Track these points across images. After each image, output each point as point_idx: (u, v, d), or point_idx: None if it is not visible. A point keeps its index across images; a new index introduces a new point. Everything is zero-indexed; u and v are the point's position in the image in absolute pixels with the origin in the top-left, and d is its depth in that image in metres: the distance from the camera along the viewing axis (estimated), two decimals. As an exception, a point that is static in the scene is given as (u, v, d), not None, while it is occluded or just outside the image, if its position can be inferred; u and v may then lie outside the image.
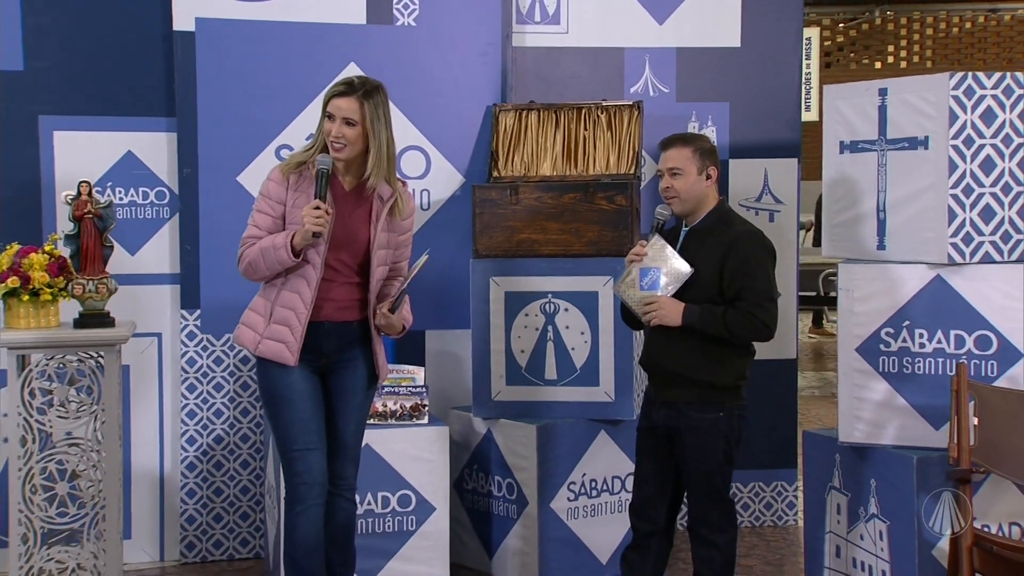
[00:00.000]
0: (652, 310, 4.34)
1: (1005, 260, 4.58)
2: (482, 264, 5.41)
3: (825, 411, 8.22)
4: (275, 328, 4.16)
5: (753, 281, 4.31)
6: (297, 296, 4.13)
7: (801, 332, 6.76)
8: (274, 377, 4.20)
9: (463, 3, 5.77)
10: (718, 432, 4.34)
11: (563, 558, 5.33)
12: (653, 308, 4.34)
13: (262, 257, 4.10)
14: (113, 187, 5.51)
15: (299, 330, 4.12)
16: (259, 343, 4.17)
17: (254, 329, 4.20)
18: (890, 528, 4.65)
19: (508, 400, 5.41)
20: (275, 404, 4.23)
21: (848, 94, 4.88)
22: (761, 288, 4.31)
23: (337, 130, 4.10)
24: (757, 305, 4.28)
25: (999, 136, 4.52)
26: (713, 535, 4.37)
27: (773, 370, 5.94)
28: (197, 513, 5.64)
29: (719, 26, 6.06)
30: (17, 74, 5.42)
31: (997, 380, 4.57)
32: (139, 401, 5.59)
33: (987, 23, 17.03)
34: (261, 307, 4.22)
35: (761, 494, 6.23)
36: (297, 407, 4.20)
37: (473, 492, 5.55)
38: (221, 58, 5.52)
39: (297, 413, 4.20)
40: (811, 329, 12.96)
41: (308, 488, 4.19)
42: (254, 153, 5.58)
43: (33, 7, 5.42)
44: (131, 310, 5.17)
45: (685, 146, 4.38)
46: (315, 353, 4.19)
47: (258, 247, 4.12)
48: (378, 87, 4.17)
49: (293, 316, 4.13)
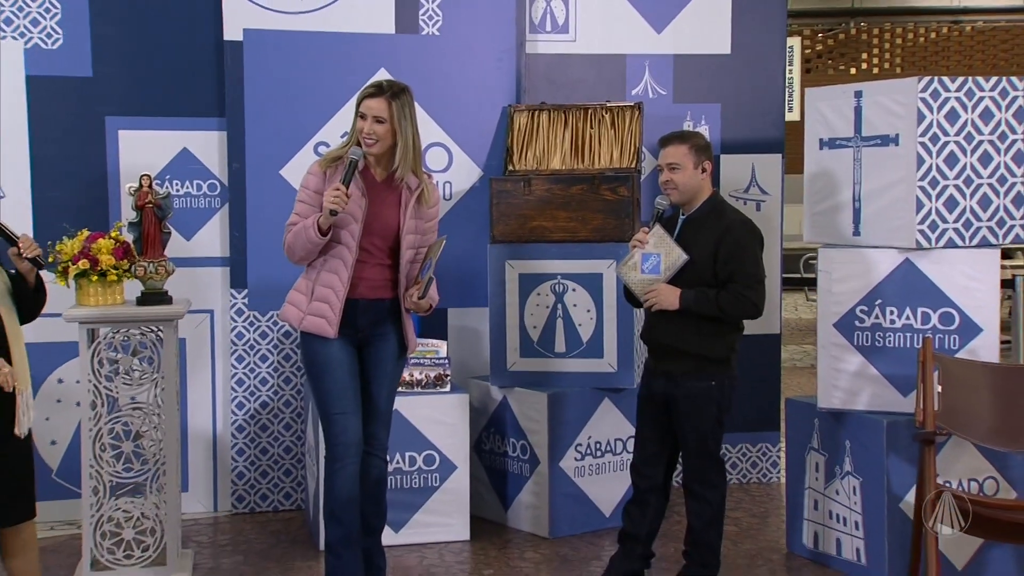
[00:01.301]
0: (652, 297, 4.34)
1: (967, 245, 4.60)
2: (498, 249, 5.41)
3: (805, 380, 8.14)
4: (316, 305, 4.17)
5: (743, 265, 4.30)
6: (336, 276, 4.14)
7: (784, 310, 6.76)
8: (316, 349, 4.21)
9: (481, 14, 5.75)
10: (710, 399, 4.34)
11: (571, 511, 5.34)
12: (653, 294, 4.34)
13: (296, 238, 4.13)
14: (171, 180, 5.53)
15: (338, 306, 4.14)
16: (303, 319, 4.19)
17: (298, 307, 4.22)
18: (863, 484, 4.68)
19: (522, 371, 5.40)
20: (316, 373, 4.24)
21: (827, 96, 4.90)
22: (751, 271, 4.30)
23: (369, 127, 4.12)
24: (747, 287, 4.28)
25: (961, 134, 4.54)
26: (705, 491, 4.38)
27: (759, 344, 5.92)
28: (246, 469, 5.67)
29: (711, 35, 6.04)
30: (86, 80, 5.44)
31: (959, 352, 4.60)
32: (194, 370, 5.62)
33: (950, 33, 16.99)
34: (303, 287, 4.23)
35: (748, 454, 6.23)
36: (336, 376, 4.21)
37: (490, 452, 5.55)
38: (266, 64, 5.52)
39: (336, 381, 4.21)
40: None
41: (345, 448, 4.20)
42: (295, 149, 5.58)
43: (100, 20, 5.43)
44: (186, 289, 5.16)
45: (682, 143, 4.37)
46: (352, 327, 4.20)
47: (295, 231, 4.15)
48: (405, 89, 4.18)
49: (332, 294, 4.15)
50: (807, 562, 4.95)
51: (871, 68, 16.96)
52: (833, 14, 16.63)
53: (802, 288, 12.56)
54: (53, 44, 5.42)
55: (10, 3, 5.36)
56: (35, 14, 5.39)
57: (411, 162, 4.19)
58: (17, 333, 3.80)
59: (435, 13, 5.70)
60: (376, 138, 4.12)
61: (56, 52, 5.42)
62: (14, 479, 3.80)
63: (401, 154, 4.16)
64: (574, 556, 5.06)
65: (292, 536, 5.35)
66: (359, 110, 4.18)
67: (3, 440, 3.73)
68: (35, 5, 5.38)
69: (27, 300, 3.93)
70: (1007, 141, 4.59)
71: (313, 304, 4.18)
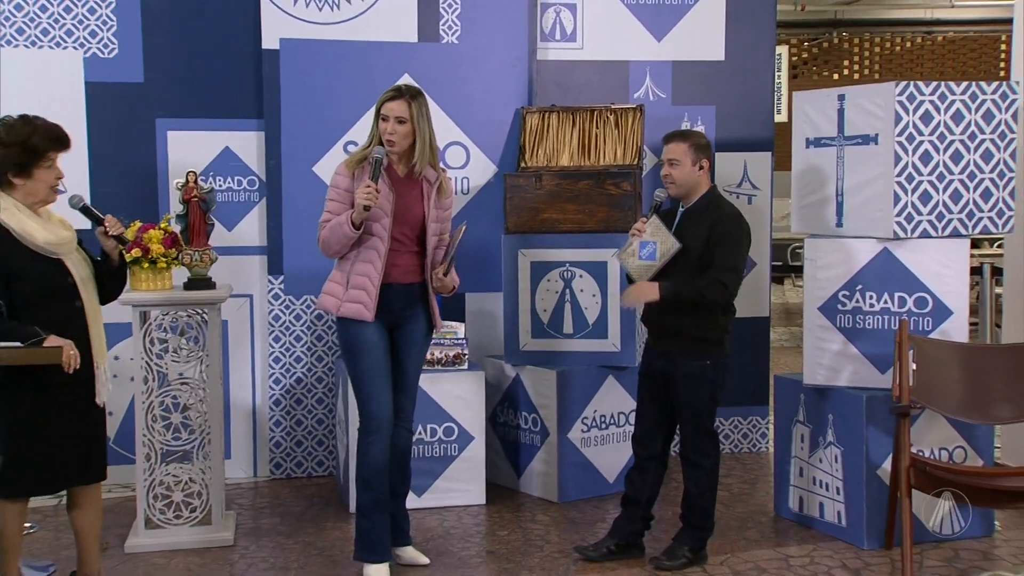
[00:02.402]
0: (627, 300, 4.38)
1: (939, 235, 4.60)
2: (512, 239, 5.40)
3: (792, 359, 8.06)
4: (354, 292, 4.20)
5: (724, 252, 4.27)
6: (370, 265, 4.17)
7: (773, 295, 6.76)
8: (354, 332, 4.23)
9: (496, 24, 5.73)
10: (705, 377, 4.33)
11: (578, 478, 5.34)
12: (629, 298, 4.36)
13: (332, 234, 4.16)
14: (214, 176, 5.55)
15: (374, 292, 4.17)
16: (340, 306, 4.21)
17: (335, 296, 4.24)
18: (844, 453, 4.68)
19: (533, 350, 5.40)
20: (354, 355, 4.25)
21: (812, 99, 4.89)
22: (729, 260, 4.27)
23: (391, 127, 4.15)
24: (722, 271, 4.24)
25: (935, 134, 4.53)
26: (700, 459, 4.38)
27: (750, 326, 5.91)
28: (282, 439, 5.69)
29: (707, 43, 6.02)
30: (139, 85, 5.47)
31: (932, 333, 4.60)
32: (235, 349, 5.64)
33: (923, 43, 17.02)
34: (339, 278, 4.26)
35: (739, 426, 6.23)
36: (372, 357, 4.24)
37: (504, 425, 5.55)
38: (300, 70, 5.53)
39: (372, 362, 4.24)
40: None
41: (379, 423, 4.24)
42: (326, 147, 5.58)
43: (151, 32, 5.45)
44: (228, 275, 5.17)
45: (683, 141, 4.35)
46: (386, 311, 4.23)
47: (331, 226, 4.17)
48: (421, 92, 4.24)
49: (368, 282, 4.17)
50: (793, 524, 4.95)
51: (852, 74, 16.95)
52: (818, 25, 16.67)
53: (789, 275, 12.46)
54: (109, 53, 5.45)
55: (71, 16, 5.38)
56: (93, 26, 5.41)
57: (428, 157, 4.23)
58: (97, 314, 3.84)
59: (454, 23, 5.71)
60: (397, 137, 4.16)
61: (112, 60, 5.44)
62: (94, 443, 3.88)
63: (419, 150, 4.20)
64: (581, 519, 5.06)
65: (324, 500, 5.36)
66: (380, 113, 4.20)
67: (86, 409, 3.80)
68: (93, 18, 5.41)
69: (112, 279, 3.96)
70: (976, 140, 4.59)
71: (350, 292, 4.21)
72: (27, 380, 3.60)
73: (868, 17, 16.49)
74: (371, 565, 4.26)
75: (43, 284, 3.67)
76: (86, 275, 3.82)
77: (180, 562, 4.48)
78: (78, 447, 3.79)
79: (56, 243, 3.72)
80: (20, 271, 3.62)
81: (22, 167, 3.68)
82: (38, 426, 3.68)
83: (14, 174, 3.68)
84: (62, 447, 3.74)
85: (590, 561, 4.47)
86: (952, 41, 17.05)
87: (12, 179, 3.69)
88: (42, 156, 3.70)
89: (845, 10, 16.24)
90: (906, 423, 4.24)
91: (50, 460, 3.72)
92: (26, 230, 3.66)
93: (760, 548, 4.67)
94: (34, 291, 3.64)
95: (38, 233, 3.67)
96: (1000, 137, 4.63)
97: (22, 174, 3.69)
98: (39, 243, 3.67)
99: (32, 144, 3.67)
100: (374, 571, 4.25)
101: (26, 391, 3.63)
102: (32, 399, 3.65)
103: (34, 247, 3.66)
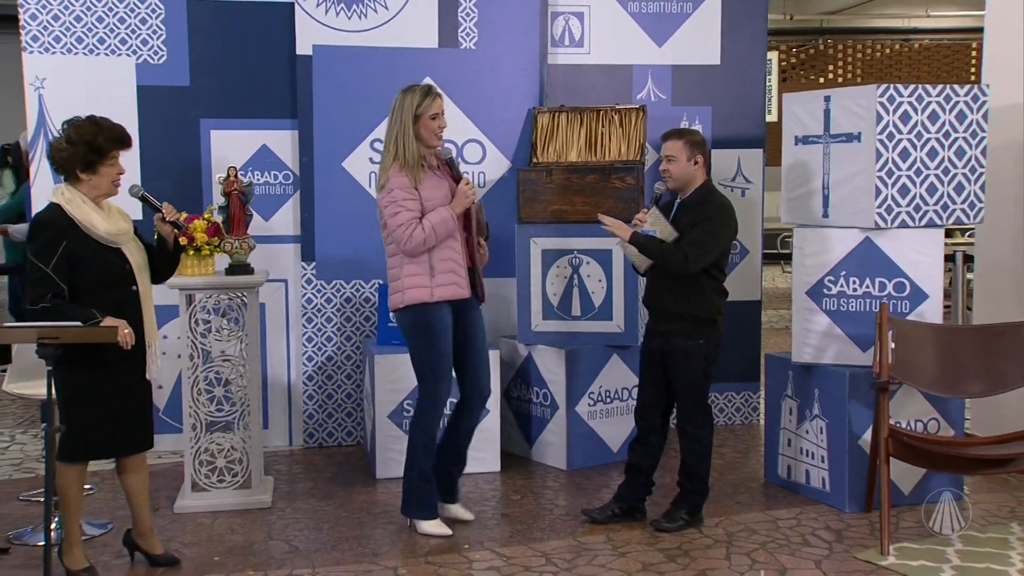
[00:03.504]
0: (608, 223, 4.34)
1: (916, 226, 4.59)
2: (524, 228, 5.40)
3: (782, 339, 7.99)
4: (445, 276, 4.22)
5: (698, 230, 4.24)
6: (452, 250, 4.24)
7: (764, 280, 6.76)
8: (438, 317, 4.22)
9: (511, 31, 5.74)
10: (700, 355, 4.33)
11: (584, 448, 5.35)
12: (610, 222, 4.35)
13: (439, 228, 4.16)
14: (252, 171, 5.58)
15: (463, 271, 4.26)
16: (433, 291, 4.20)
17: (423, 286, 4.21)
18: (828, 425, 4.70)
19: (544, 331, 5.38)
20: (431, 338, 4.24)
21: (800, 100, 4.88)
22: (699, 236, 4.23)
23: (442, 122, 4.25)
24: (690, 244, 4.22)
25: (913, 132, 4.53)
26: (696, 431, 4.38)
27: (743, 309, 5.92)
28: (315, 412, 5.71)
29: (704, 49, 6.03)
30: (185, 89, 5.51)
31: (909, 315, 4.61)
32: (272, 329, 5.67)
33: (901, 49, 17.12)
34: (418, 270, 4.22)
35: (733, 400, 6.24)
36: (446, 340, 4.27)
37: (518, 399, 5.55)
38: (331, 74, 5.55)
39: (446, 345, 4.27)
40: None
41: (445, 400, 4.33)
42: (354, 144, 5.61)
43: (196, 40, 5.49)
44: (265, 262, 5.22)
45: (679, 139, 4.34)
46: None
47: (430, 226, 4.14)
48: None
49: (455, 264, 4.24)
50: (781, 490, 4.96)
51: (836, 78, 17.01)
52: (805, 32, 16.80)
53: (779, 262, 12.46)
54: (158, 60, 5.49)
55: (124, 27, 5.42)
56: (144, 35, 5.46)
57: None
58: (149, 297, 3.89)
59: (472, 30, 5.71)
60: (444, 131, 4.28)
61: (161, 66, 5.49)
62: (145, 414, 3.95)
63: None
64: (587, 485, 5.07)
65: (353, 467, 5.38)
66: (431, 112, 4.22)
67: (138, 383, 3.86)
68: (144, 28, 5.45)
69: (167, 262, 4.01)
70: (950, 139, 4.59)
71: (440, 277, 4.22)
72: (86, 356, 3.67)
73: (851, 26, 16.72)
74: (429, 521, 4.36)
75: (104, 271, 3.73)
76: (141, 262, 3.88)
77: (223, 522, 4.53)
78: (131, 417, 3.86)
79: (116, 233, 3.78)
80: (84, 259, 3.68)
81: (88, 164, 3.75)
82: (96, 398, 3.75)
83: (81, 170, 3.75)
84: (117, 417, 3.81)
85: (596, 523, 4.49)
86: (928, 48, 17.15)
87: (79, 174, 3.76)
88: (106, 154, 3.77)
89: (830, 19, 16.48)
90: (885, 397, 4.25)
91: (106, 428, 3.79)
92: (91, 222, 3.72)
93: (751, 511, 4.69)
94: (96, 277, 3.70)
95: (101, 225, 3.73)
96: (972, 136, 4.63)
97: (88, 170, 3.76)
98: (101, 234, 3.73)
99: (98, 143, 3.74)
100: (433, 526, 4.35)
101: (85, 366, 3.70)
102: (91, 373, 3.72)
103: (97, 237, 3.72)
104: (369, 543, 4.30)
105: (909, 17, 16.42)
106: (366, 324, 5.71)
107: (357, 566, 4.04)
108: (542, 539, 4.34)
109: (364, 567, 4.03)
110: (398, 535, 4.39)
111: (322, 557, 4.15)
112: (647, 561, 4.08)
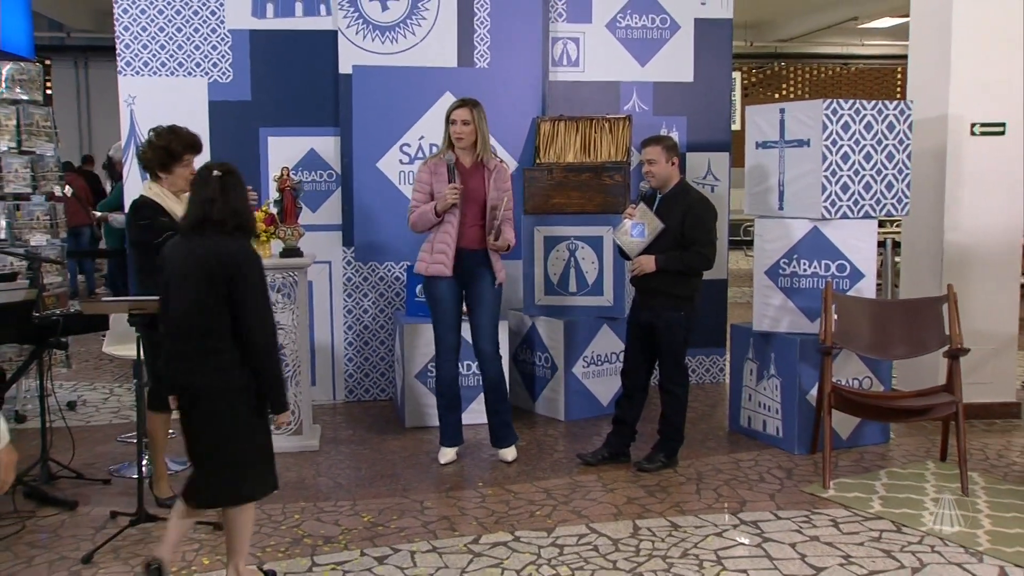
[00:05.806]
0: (636, 268, 4.34)
1: (855, 217, 4.61)
2: (529, 219, 5.43)
3: (744, 312, 7.85)
4: (436, 256, 4.33)
5: (701, 232, 4.29)
6: (447, 235, 4.32)
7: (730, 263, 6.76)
8: (437, 286, 4.38)
9: (518, 54, 5.73)
10: (680, 325, 4.35)
11: (579, 402, 5.36)
12: (637, 266, 4.33)
13: (420, 218, 4.32)
14: (302, 170, 5.62)
15: (451, 253, 4.31)
16: (428, 267, 4.36)
17: (423, 261, 4.39)
18: (782, 383, 4.73)
19: (545, 304, 5.41)
20: (434, 302, 4.41)
21: (760, 112, 4.89)
22: (705, 236, 4.29)
23: (459, 128, 4.30)
24: (704, 246, 4.28)
25: (852, 139, 4.55)
26: (674, 388, 4.41)
27: (713, 287, 5.87)
28: (354, 371, 5.75)
29: (680, 69, 6.05)
30: (247, 103, 5.57)
31: (849, 291, 4.64)
32: (318, 302, 5.67)
33: (842, 71, 17.72)
34: (426, 247, 4.42)
35: (703, 363, 6.27)
36: (442, 308, 4.40)
37: (524, 361, 5.56)
38: (367, 89, 5.57)
39: (442, 313, 4.40)
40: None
41: (447, 351, 4.43)
42: (386, 148, 5.62)
43: (257, 62, 5.52)
44: (313, 246, 5.25)
45: (657, 144, 4.36)
46: (459, 269, 4.36)
47: (419, 212, 4.32)
48: (478, 102, 4.39)
49: (446, 247, 4.31)
50: (743, 437, 4.98)
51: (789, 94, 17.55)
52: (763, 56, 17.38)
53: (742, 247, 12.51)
54: (226, 79, 5.53)
55: (199, 52, 5.48)
56: (215, 59, 5.51)
57: (486, 149, 4.37)
58: None
59: (485, 52, 5.71)
60: (464, 135, 4.30)
61: (228, 84, 5.54)
62: None
63: (480, 144, 4.35)
64: (581, 433, 5.08)
65: (386, 418, 5.39)
66: (450, 119, 4.30)
67: None
68: (215, 53, 5.50)
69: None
70: (882, 145, 4.60)
71: (434, 256, 4.34)
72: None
73: (800, 51, 17.41)
74: (442, 448, 4.50)
75: None
76: None
77: (280, 461, 4.29)
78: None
79: None
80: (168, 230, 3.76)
81: (164, 165, 3.83)
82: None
83: (159, 170, 3.85)
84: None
85: (588, 465, 4.51)
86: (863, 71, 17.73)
87: (159, 173, 3.86)
88: (179, 158, 3.83)
89: (784, 46, 17.07)
90: (829, 360, 4.28)
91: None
92: (171, 208, 3.80)
93: (718, 455, 4.70)
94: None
95: (179, 209, 3.80)
96: (899, 143, 4.64)
97: (164, 170, 3.84)
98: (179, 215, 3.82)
99: (172, 148, 3.81)
100: (444, 452, 4.49)
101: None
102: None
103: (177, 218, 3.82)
104: (400, 481, 4.32)
105: (848, 45, 17.12)
106: (396, 299, 5.73)
107: (390, 499, 4.07)
108: (544, 477, 4.35)
109: (396, 500, 4.06)
110: (425, 474, 4.40)
111: (361, 491, 4.18)
112: (631, 495, 4.11)
